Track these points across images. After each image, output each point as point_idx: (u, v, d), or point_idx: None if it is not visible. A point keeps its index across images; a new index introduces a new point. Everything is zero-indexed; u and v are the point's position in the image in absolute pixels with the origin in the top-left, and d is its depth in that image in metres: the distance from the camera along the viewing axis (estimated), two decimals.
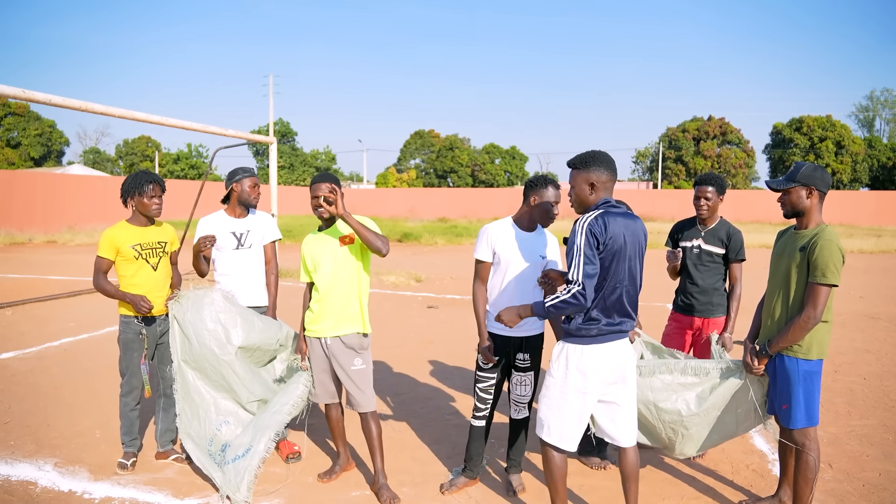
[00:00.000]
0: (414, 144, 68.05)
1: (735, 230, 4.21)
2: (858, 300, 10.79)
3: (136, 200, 3.98)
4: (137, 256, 3.97)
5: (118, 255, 3.97)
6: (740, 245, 4.18)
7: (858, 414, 5.11)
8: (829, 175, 3.30)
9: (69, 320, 8.60)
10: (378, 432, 3.74)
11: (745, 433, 3.56)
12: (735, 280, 4.19)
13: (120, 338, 4.10)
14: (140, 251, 3.98)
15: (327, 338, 3.71)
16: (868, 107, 68.80)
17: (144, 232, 4.05)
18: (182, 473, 3.95)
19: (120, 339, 4.10)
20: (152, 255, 4.04)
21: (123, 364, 4.11)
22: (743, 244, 4.19)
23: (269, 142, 13.36)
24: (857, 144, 55.69)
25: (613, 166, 3.10)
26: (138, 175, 4.01)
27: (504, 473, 3.93)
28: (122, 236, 3.97)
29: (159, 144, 66.88)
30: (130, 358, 4.07)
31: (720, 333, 4.05)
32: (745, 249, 4.22)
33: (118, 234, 3.98)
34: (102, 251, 3.97)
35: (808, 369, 3.20)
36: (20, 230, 23.11)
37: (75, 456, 4.19)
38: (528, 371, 3.75)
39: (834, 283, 3.09)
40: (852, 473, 4.01)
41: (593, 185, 3.07)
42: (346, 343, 3.70)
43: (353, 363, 3.71)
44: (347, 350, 3.70)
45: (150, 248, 4.04)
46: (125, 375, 4.11)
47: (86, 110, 8.76)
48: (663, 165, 60.08)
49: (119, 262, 3.99)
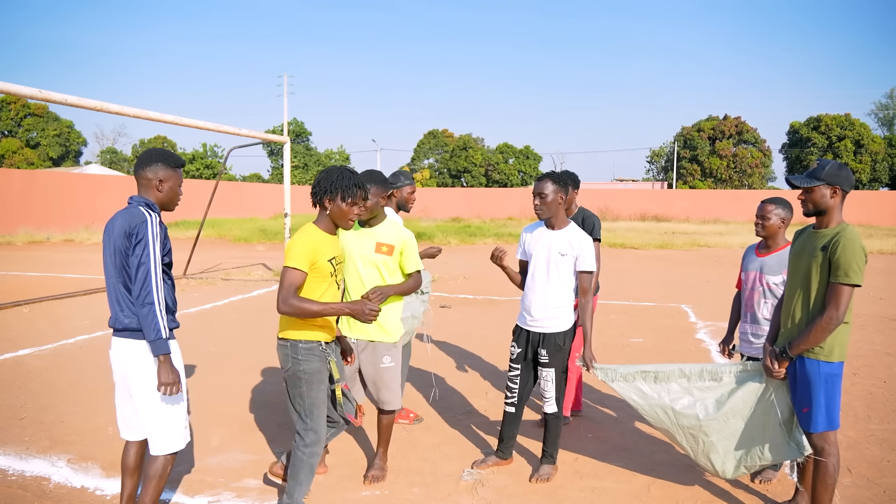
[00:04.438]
0: (427, 144, 68.10)
1: (589, 213, 4.61)
2: (878, 301, 10.62)
3: (335, 204, 3.16)
4: (332, 273, 3.18)
5: (311, 269, 3.09)
6: (594, 228, 4.52)
7: (878, 418, 5.02)
8: (852, 174, 3.22)
9: (85, 318, 8.66)
10: (391, 424, 3.93)
11: (783, 460, 3.41)
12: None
13: (298, 370, 3.15)
14: (335, 266, 3.20)
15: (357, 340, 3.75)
16: (888, 105, 67.70)
17: (335, 242, 3.27)
18: (193, 471, 3.95)
19: (298, 373, 3.15)
20: (340, 273, 3.29)
21: (305, 403, 3.16)
22: (597, 226, 4.62)
23: (282, 141, 13.45)
24: (877, 143, 54.93)
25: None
26: (344, 173, 3.19)
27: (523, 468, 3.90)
28: (322, 246, 3.14)
29: (175, 144, 67.40)
30: (318, 394, 3.19)
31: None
32: (599, 230, 4.65)
33: (319, 241, 3.13)
34: (298, 261, 3.03)
35: (830, 372, 3.13)
36: (39, 229, 23.38)
37: (88, 452, 4.20)
38: (548, 367, 3.85)
39: (857, 283, 3.01)
40: (872, 479, 3.93)
41: None
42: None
43: (383, 360, 3.74)
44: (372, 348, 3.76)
45: (339, 262, 3.28)
46: (308, 419, 3.18)
47: (101, 110, 8.87)
48: (678, 165, 59.62)
49: (308, 278, 3.09)
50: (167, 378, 2.89)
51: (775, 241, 3.89)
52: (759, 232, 3.91)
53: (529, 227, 4.05)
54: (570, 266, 3.83)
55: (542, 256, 3.87)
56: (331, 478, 3.87)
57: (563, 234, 3.86)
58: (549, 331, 3.85)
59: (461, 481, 3.85)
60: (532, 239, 3.96)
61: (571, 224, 3.93)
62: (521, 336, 3.97)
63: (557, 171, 4.04)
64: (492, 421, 4.85)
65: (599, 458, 4.22)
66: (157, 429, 2.99)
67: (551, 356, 3.84)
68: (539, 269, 3.88)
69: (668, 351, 7.10)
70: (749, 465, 3.47)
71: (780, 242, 3.89)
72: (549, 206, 3.83)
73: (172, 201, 3.15)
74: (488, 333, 7.90)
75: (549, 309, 3.84)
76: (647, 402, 3.59)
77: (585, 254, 3.82)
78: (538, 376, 3.94)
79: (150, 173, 3.04)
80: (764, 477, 3.87)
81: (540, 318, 3.86)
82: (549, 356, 3.84)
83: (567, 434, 4.54)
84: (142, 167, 3.05)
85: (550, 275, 3.84)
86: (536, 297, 3.87)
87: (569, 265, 3.83)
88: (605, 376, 3.70)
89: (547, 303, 3.84)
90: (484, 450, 4.32)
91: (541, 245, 3.89)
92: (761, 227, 3.90)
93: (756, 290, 3.90)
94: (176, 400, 2.99)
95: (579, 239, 3.84)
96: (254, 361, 6.50)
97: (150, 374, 2.93)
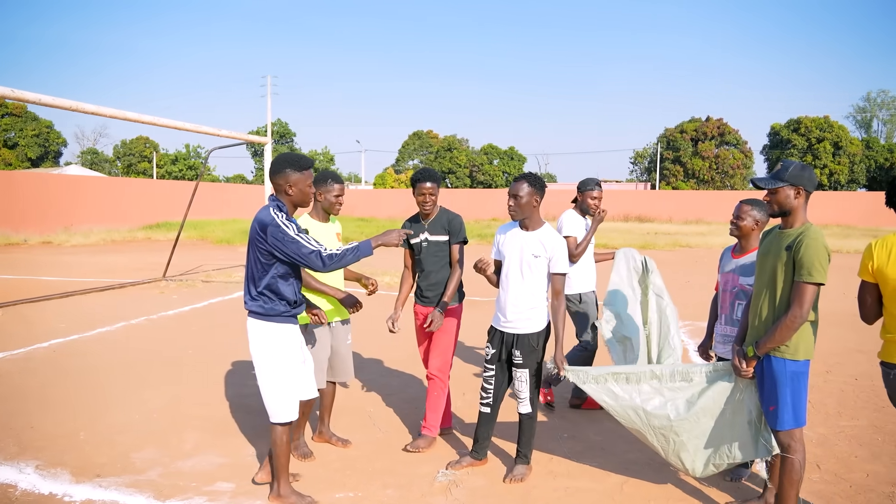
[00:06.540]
0: (412, 145, 68.05)
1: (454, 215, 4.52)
2: (852, 301, 10.72)
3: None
4: None
5: None
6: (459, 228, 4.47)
7: (849, 414, 5.09)
8: (815, 175, 3.26)
9: (61, 321, 8.56)
10: None
11: (751, 458, 3.47)
12: (455, 262, 4.40)
13: None
14: None
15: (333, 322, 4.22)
16: (865, 108, 68.91)
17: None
18: (165, 475, 3.92)
19: None
20: None
21: None
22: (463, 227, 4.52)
23: (263, 142, 13.38)
24: (855, 145, 55.74)
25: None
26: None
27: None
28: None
29: (157, 145, 66.89)
30: None
31: None
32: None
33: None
34: None
35: (796, 370, 3.16)
36: (16, 231, 23.02)
37: (58, 458, 4.15)
38: (522, 368, 3.86)
39: (820, 282, 3.05)
40: (840, 475, 3.98)
41: None
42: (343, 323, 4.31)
43: (348, 338, 4.34)
44: (345, 328, 4.32)
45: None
46: None
47: (77, 110, 8.76)
48: (661, 166, 60.06)
49: None
50: (391, 238, 3.53)
51: (749, 243, 3.92)
52: (733, 232, 3.95)
53: (503, 227, 4.06)
54: (543, 268, 3.85)
55: (516, 258, 3.88)
56: (303, 481, 3.85)
57: (536, 235, 3.88)
58: (522, 332, 3.87)
59: (435, 482, 3.85)
60: (506, 239, 3.97)
61: (546, 226, 3.94)
62: (495, 337, 3.98)
63: (527, 172, 4.05)
64: (467, 422, 4.85)
65: (574, 457, 4.24)
66: (266, 400, 3.49)
67: (525, 357, 3.85)
68: (513, 270, 3.90)
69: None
70: (718, 464, 3.50)
71: (754, 244, 3.89)
72: (523, 208, 3.84)
73: (304, 201, 3.55)
74: (467, 334, 7.90)
75: (522, 310, 3.86)
76: (619, 403, 3.61)
77: (559, 256, 3.84)
78: (512, 377, 3.95)
79: (280, 179, 3.44)
80: (735, 475, 3.91)
81: (514, 319, 3.88)
82: (523, 357, 3.85)
83: (542, 434, 4.55)
84: (273, 174, 3.47)
85: (524, 276, 3.86)
86: (510, 298, 3.89)
87: (542, 267, 3.84)
88: (577, 378, 3.71)
89: (520, 304, 3.86)
90: (459, 450, 4.33)
91: (514, 246, 3.90)
92: (735, 226, 3.93)
93: (731, 291, 3.92)
94: (284, 373, 3.46)
95: (553, 241, 3.85)
96: (231, 364, 6.46)
97: (266, 349, 3.44)
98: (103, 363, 6.47)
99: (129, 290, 11.60)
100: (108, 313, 9.19)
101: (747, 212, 3.89)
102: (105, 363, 6.47)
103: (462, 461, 4.06)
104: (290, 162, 3.44)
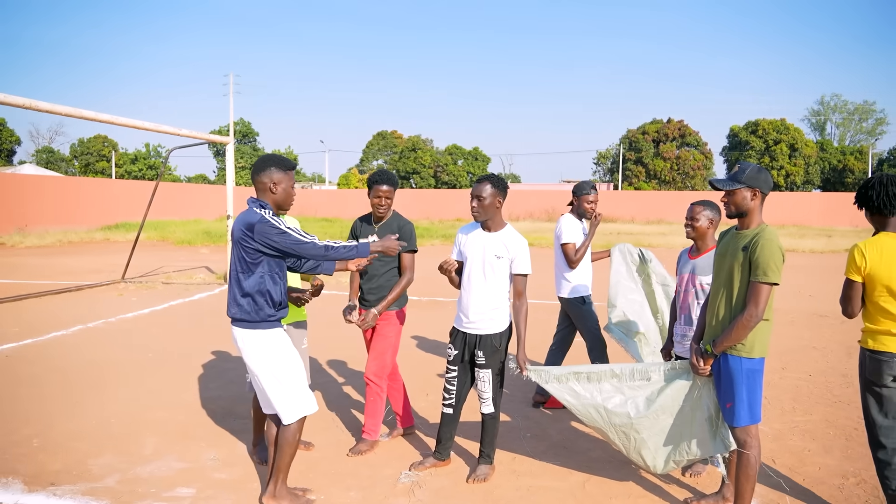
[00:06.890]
0: (376, 145, 67.83)
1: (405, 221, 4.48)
2: (808, 299, 11.08)
3: None
4: None
5: None
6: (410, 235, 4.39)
7: (802, 410, 5.24)
8: (771, 177, 3.36)
9: (13, 325, 8.30)
10: None
11: (709, 454, 3.54)
12: (405, 269, 4.38)
13: None
14: None
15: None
16: (820, 111, 70.97)
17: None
18: (123, 482, 3.83)
19: None
20: None
21: None
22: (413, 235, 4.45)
23: (226, 142, 13.18)
24: (810, 147, 57.42)
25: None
26: None
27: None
28: None
29: (116, 144, 65.28)
30: None
31: None
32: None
33: None
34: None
35: (751, 367, 3.25)
36: None
37: (10, 467, 4.02)
38: (485, 368, 3.88)
39: (775, 282, 3.13)
40: (794, 468, 4.10)
41: None
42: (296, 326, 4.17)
43: (303, 342, 4.18)
44: (299, 332, 4.17)
45: None
46: None
47: (30, 108, 8.51)
48: (624, 167, 60.95)
49: None
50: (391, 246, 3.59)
51: (704, 243, 4.00)
52: (690, 234, 4.02)
53: (465, 227, 4.07)
54: (505, 269, 3.87)
55: (478, 259, 3.90)
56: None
57: (498, 236, 3.90)
58: (485, 332, 3.88)
59: (398, 483, 3.85)
60: (467, 240, 3.98)
61: (508, 227, 3.96)
62: (457, 338, 3.99)
63: (490, 174, 4.08)
64: (431, 423, 4.85)
65: (536, 456, 4.28)
66: (277, 403, 3.39)
67: (488, 357, 3.87)
68: (475, 271, 3.90)
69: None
70: (678, 460, 3.57)
71: (710, 244, 4.00)
72: (486, 209, 3.86)
73: (286, 201, 3.50)
74: (430, 335, 7.91)
75: (485, 311, 3.87)
76: (581, 401, 3.65)
77: (521, 257, 3.87)
78: (475, 377, 3.97)
79: (265, 177, 3.42)
80: (694, 471, 3.99)
81: (476, 320, 3.89)
82: (486, 357, 3.87)
83: (505, 434, 4.58)
84: (257, 172, 3.44)
85: (487, 277, 3.87)
86: (473, 299, 3.90)
87: (504, 268, 3.87)
88: (539, 378, 3.75)
89: (483, 305, 3.87)
90: (422, 451, 4.33)
91: (476, 247, 3.92)
92: (691, 228, 4.01)
93: (689, 291, 4.00)
94: (287, 372, 3.41)
95: (515, 242, 3.88)
96: (192, 367, 6.35)
97: (261, 356, 3.36)
98: (59, 368, 6.30)
99: (86, 293, 11.31)
100: (63, 316, 8.95)
101: (700, 212, 3.99)
102: (60, 368, 6.30)
103: (425, 462, 4.07)
104: (274, 161, 3.44)
